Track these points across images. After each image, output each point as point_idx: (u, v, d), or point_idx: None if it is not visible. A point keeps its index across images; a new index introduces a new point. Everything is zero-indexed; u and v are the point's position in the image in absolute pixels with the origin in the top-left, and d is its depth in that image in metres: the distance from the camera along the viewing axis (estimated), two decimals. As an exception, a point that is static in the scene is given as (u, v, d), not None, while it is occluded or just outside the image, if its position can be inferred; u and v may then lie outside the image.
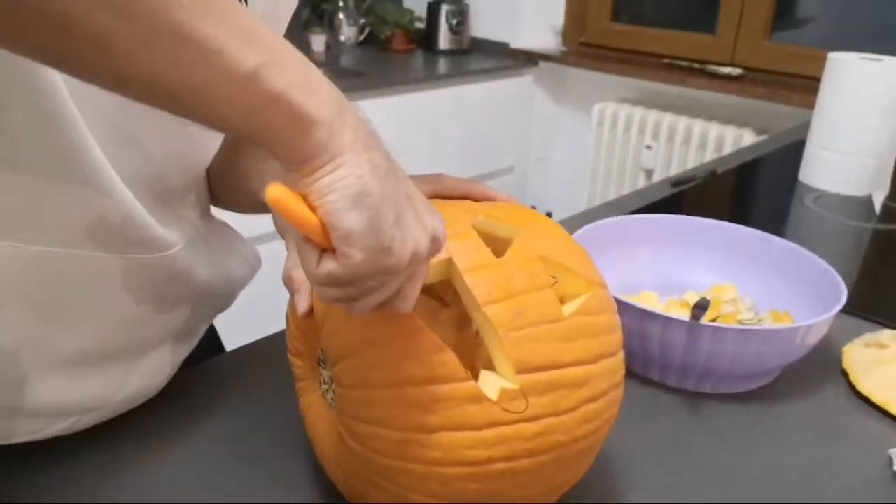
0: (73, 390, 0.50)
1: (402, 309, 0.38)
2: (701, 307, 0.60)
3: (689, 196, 1.17)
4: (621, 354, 0.47)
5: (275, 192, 0.31)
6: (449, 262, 0.42)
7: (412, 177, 0.53)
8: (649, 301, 0.72)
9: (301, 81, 0.31)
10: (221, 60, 0.29)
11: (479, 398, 0.39)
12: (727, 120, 2.15)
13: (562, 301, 0.44)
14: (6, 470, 0.51)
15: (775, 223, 1.08)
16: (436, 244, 0.36)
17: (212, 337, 0.76)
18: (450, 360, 0.40)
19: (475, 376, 0.41)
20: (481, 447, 0.39)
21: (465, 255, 0.42)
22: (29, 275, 0.44)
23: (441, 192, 0.54)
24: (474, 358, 0.44)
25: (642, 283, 0.76)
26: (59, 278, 0.45)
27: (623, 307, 0.61)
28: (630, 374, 0.66)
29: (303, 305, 0.47)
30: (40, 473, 0.51)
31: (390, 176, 0.34)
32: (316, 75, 0.33)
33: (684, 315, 0.63)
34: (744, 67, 2.13)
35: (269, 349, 0.67)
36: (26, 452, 0.52)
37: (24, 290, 0.44)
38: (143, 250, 0.48)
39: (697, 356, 0.60)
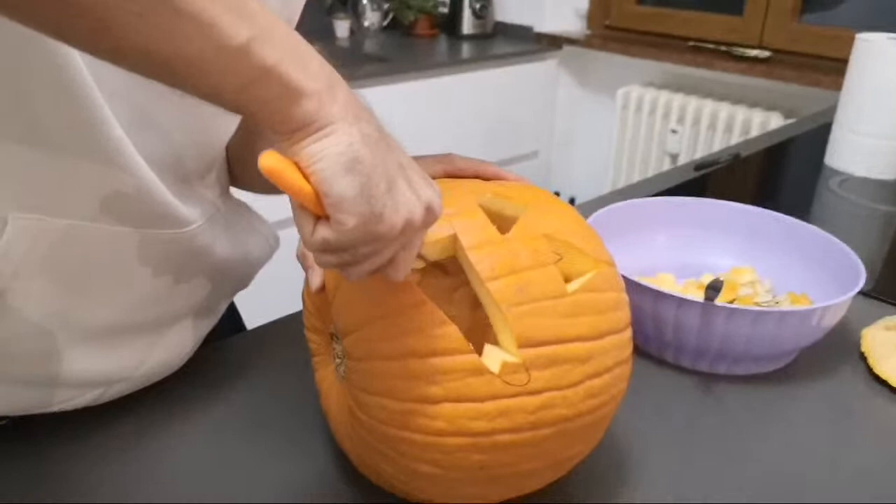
0: (100, 362, 0.52)
1: (394, 277, 0.39)
2: (714, 288, 0.60)
3: (712, 180, 1.16)
4: (628, 332, 0.47)
5: (267, 159, 0.32)
6: (454, 239, 0.43)
7: (423, 157, 0.54)
8: (666, 283, 0.72)
9: (291, 55, 0.32)
10: (213, 33, 0.30)
11: (481, 371, 0.40)
12: (754, 103, 2.12)
13: (568, 278, 0.45)
14: (39, 439, 0.54)
15: (800, 207, 1.07)
16: (430, 214, 0.37)
17: (233, 316, 0.78)
18: (452, 333, 0.41)
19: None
20: (483, 419, 0.40)
21: (470, 233, 0.43)
22: (55, 248, 0.45)
23: (452, 171, 0.54)
24: (488, 336, 0.45)
25: (660, 265, 0.76)
26: (83, 252, 0.47)
27: (637, 288, 0.61)
28: (645, 355, 0.67)
29: (316, 281, 0.48)
30: (70, 441, 0.54)
31: (381, 144, 0.35)
32: (306, 50, 0.34)
33: (700, 297, 0.63)
34: (772, 49, 2.09)
35: (287, 328, 0.69)
36: (58, 422, 0.54)
37: (51, 263, 0.46)
38: (164, 226, 0.50)
39: (711, 338, 0.60)
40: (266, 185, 0.64)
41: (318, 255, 0.36)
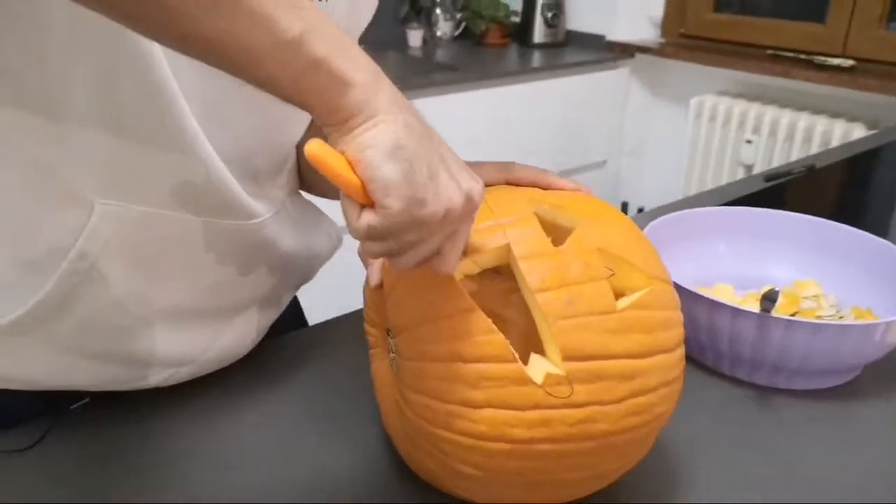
0: (171, 342, 0.56)
1: (442, 269, 0.40)
2: (770, 299, 0.59)
3: (784, 191, 1.13)
4: (679, 351, 0.46)
5: (313, 147, 0.34)
6: (507, 248, 0.44)
7: (482, 163, 0.55)
8: (723, 293, 0.71)
9: (340, 49, 0.35)
10: (270, 25, 0.33)
11: (524, 380, 0.41)
12: (836, 114, 2.04)
13: (621, 294, 0.45)
14: (114, 417, 0.58)
15: (877, 221, 1.03)
16: (470, 203, 0.38)
17: (296, 311, 0.81)
18: (499, 341, 0.41)
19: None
20: (524, 426, 0.41)
21: (523, 242, 0.44)
22: (133, 233, 0.49)
23: (511, 179, 0.55)
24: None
25: (719, 276, 0.75)
26: (158, 237, 0.51)
27: (692, 298, 0.61)
28: (700, 366, 0.66)
29: (375, 278, 0.51)
30: (141, 421, 0.58)
31: (424, 136, 0.37)
32: (353, 45, 0.36)
33: (757, 308, 0.62)
34: (856, 58, 2.01)
35: (350, 324, 0.72)
36: (131, 404, 0.59)
37: (130, 245, 0.50)
38: (231, 216, 0.53)
39: (767, 350, 0.59)
40: (336, 191, 0.68)
41: (366, 244, 0.38)
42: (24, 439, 0.55)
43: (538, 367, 0.41)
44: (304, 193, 0.71)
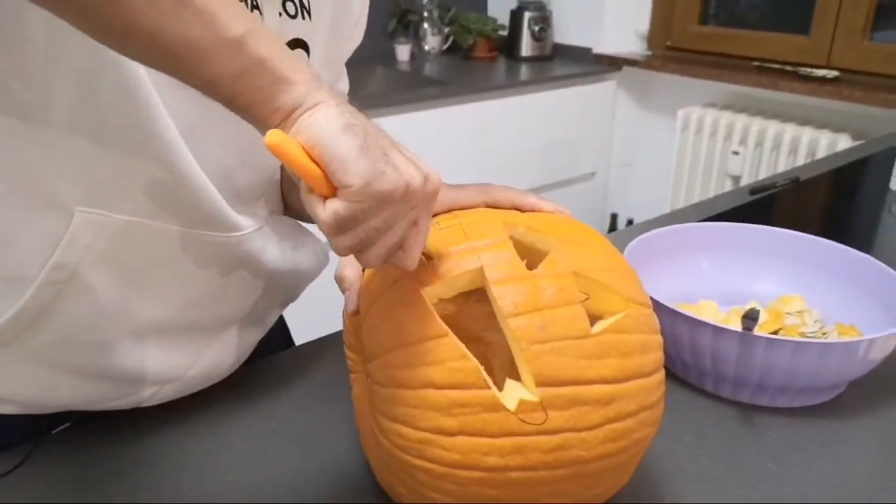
0: (154, 358, 0.55)
1: (407, 265, 0.40)
2: (751, 318, 0.59)
3: (769, 204, 1.13)
4: (658, 375, 0.46)
5: (273, 136, 0.34)
6: (481, 272, 0.43)
7: (462, 186, 0.55)
8: (707, 310, 0.71)
9: (281, 52, 0.36)
10: (214, 22, 0.34)
11: (498, 407, 0.40)
12: (822, 125, 2.05)
13: (598, 317, 0.44)
14: (101, 439, 0.58)
15: (860, 234, 1.03)
16: (429, 183, 0.38)
17: (283, 333, 0.81)
18: (471, 367, 0.41)
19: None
20: (497, 454, 0.40)
21: (497, 266, 0.43)
22: (115, 242, 0.49)
23: (490, 202, 0.55)
24: None
25: (704, 291, 0.75)
26: (140, 247, 0.50)
27: (674, 316, 0.61)
28: (683, 384, 0.66)
29: (352, 304, 0.50)
30: (122, 445, 0.57)
31: (369, 124, 0.37)
32: (293, 55, 0.37)
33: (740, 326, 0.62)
34: (840, 69, 2.03)
35: (336, 344, 0.71)
36: (111, 426, 0.58)
37: (111, 255, 0.49)
38: (215, 228, 0.53)
39: (750, 368, 0.59)
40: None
41: (335, 239, 0.37)
42: (6, 463, 0.55)
43: (512, 393, 0.41)
44: None
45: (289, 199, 0.69)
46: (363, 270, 0.51)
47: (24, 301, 0.48)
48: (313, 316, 1.04)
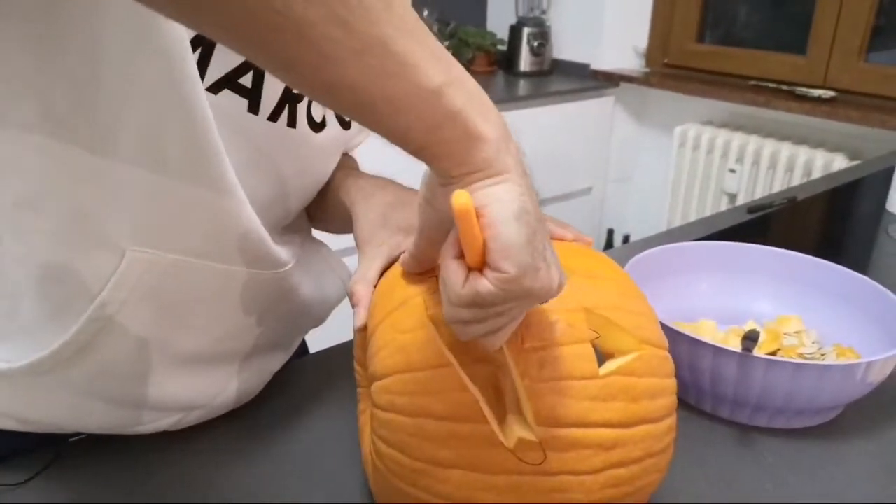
0: (185, 387, 0.55)
1: (492, 346, 0.38)
2: (751, 338, 0.59)
3: (767, 223, 1.14)
4: (668, 421, 0.44)
5: (462, 198, 0.32)
6: None
7: None
8: (706, 329, 0.70)
9: (476, 103, 0.34)
10: (415, 74, 0.32)
11: (495, 443, 0.39)
12: (817, 144, 2.07)
13: (609, 356, 0.43)
14: (116, 451, 0.58)
15: (856, 254, 1.04)
16: (560, 291, 0.36)
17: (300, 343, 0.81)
18: (471, 400, 0.39)
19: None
20: (492, 491, 0.39)
21: None
22: (160, 280, 0.49)
23: None
24: None
25: (702, 310, 0.75)
26: (185, 284, 0.50)
27: (673, 335, 0.60)
28: (683, 404, 0.65)
29: (360, 320, 0.50)
30: (142, 455, 0.58)
31: (538, 208, 0.36)
32: (487, 100, 0.35)
33: (739, 346, 0.61)
34: (836, 89, 2.04)
35: (347, 354, 0.71)
36: (130, 438, 0.58)
37: (156, 292, 0.49)
38: (262, 266, 0.53)
39: (749, 389, 0.59)
40: (341, 226, 0.67)
41: (455, 311, 0.35)
42: (22, 473, 0.54)
43: (513, 430, 0.39)
44: (314, 233, 0.72)
45: (311, 209, 0.69)
46: (374, 287, 0.51)
47: (68, 336, 0.47)
48: (327, 324, 1.03)
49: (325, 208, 0.67)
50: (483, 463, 0.39)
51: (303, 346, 0.82)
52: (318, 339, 0.82)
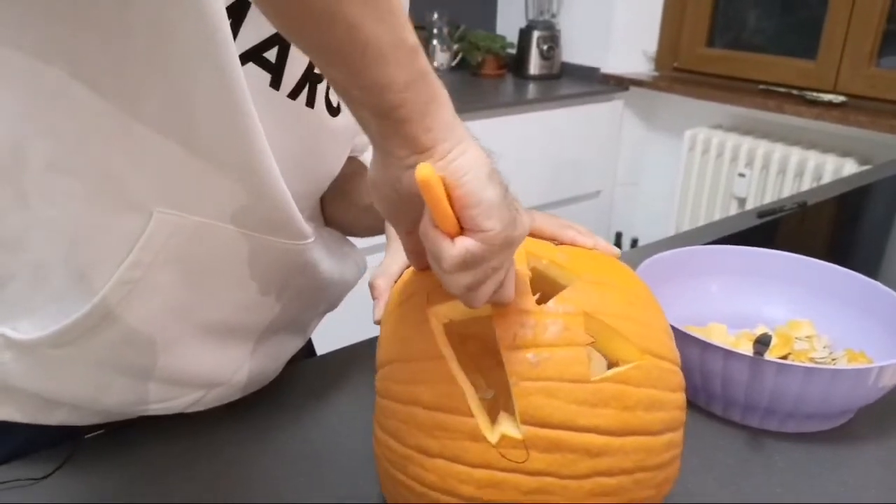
0: (206, 359, 0.56)
1: (507, 298, 0.41)
2: (762, 342, 0.59)
3: (777, 227, 1.14)
4: (669, 437, 0.43)
5: (424, 170, 0.34)
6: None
7: None
8: (717, 333, 0.71)
9: (433, 73, 0.37)
10: (400, 26, 0.35)
11: (479, 437, 0.39)
12: (827, 149, 2.06)
13: (614, 365, 0.43)
14: (133, 446, 0.59)
15: (867, 259, 1.03)
16: (528, 226, 0.40)
17: (307, 343, 0.82)
18: (459, 392, 0.40)
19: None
20: (473, 484, 0.39)
21: None
22: (186, 243, 0.49)
23: (531, 230, 0.53)
24: None
25: (713, 314, 0.75)
26: (209, 249, 0.51)
27: (684, 338, 0.61)
28: (693, 407, 0.66)
29: (378, 312, 0.52)
30: (159, 450, 0.58)
31: (493, 159, 0.39)
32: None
33: (750, 350, 0.62)
34: (847, 94, 2.04)
35: (359, 354, 0.73)
36: (148, 433, 0.59)
37: (181, 256, 0.50)
38: (285, 236, 0.54)
39: (760, 393, 0.59)
40: (370, 224, 0.69)
41: (456, 276, 0.37)
42: (41, 468, 0.55)
43: (499, 427, 0.40)
44: None
45: (330, 210, 0.70)
46: (395, 282, 0.52)
47: (94, 301, 0.48)
48: (334, 325, 1.04)
49: (355, 210, 0.69)
50: (465, 455, 0.40)
51: (310, 349, 0.83)
52: (325, 342, 0.83)
